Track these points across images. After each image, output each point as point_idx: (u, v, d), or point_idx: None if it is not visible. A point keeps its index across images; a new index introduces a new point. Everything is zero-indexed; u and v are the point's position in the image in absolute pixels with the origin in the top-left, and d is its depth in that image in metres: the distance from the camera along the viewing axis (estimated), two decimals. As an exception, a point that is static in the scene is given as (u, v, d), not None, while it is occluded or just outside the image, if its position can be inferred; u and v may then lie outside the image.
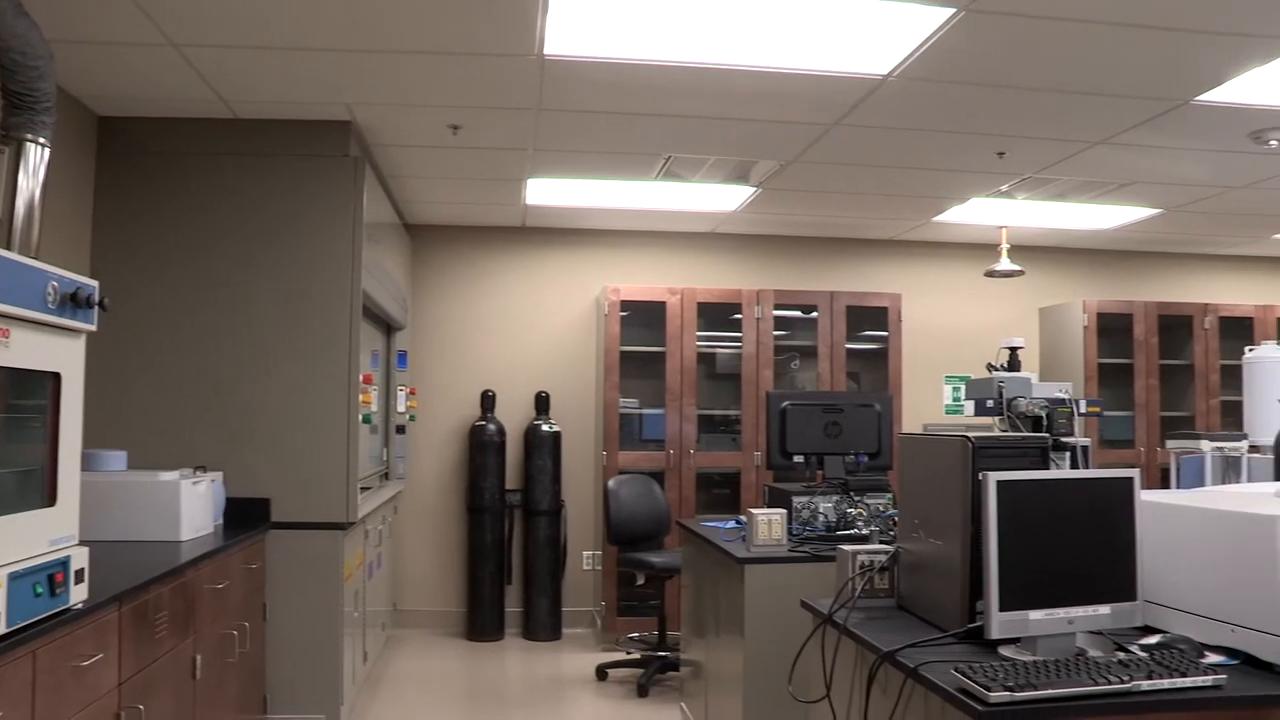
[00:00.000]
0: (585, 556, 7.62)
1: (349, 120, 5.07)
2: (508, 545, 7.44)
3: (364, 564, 5.64)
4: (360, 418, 5.12)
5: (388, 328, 6.79)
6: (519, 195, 6.68)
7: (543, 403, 7.50)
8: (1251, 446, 5.29)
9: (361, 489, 5.29)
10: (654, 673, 6.03)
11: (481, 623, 7.25)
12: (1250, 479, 5.12)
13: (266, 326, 4.95)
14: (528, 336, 7.70)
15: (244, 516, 4.79)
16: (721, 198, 6.73)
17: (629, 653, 6.49)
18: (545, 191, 6.58)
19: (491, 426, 7.35)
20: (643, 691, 5.91)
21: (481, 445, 7.31)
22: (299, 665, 4.89)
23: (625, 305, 7.17)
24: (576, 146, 5.58)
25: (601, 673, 6.28)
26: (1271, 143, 5.30)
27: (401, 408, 6.90)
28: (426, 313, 7.59)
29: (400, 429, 6.92)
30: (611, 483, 6.32)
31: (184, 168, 4.97)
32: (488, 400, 7.43)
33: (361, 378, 5.16)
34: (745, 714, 3.97)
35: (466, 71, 4.40)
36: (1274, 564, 2.23)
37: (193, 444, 4.84)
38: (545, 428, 7.39)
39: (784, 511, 4.12)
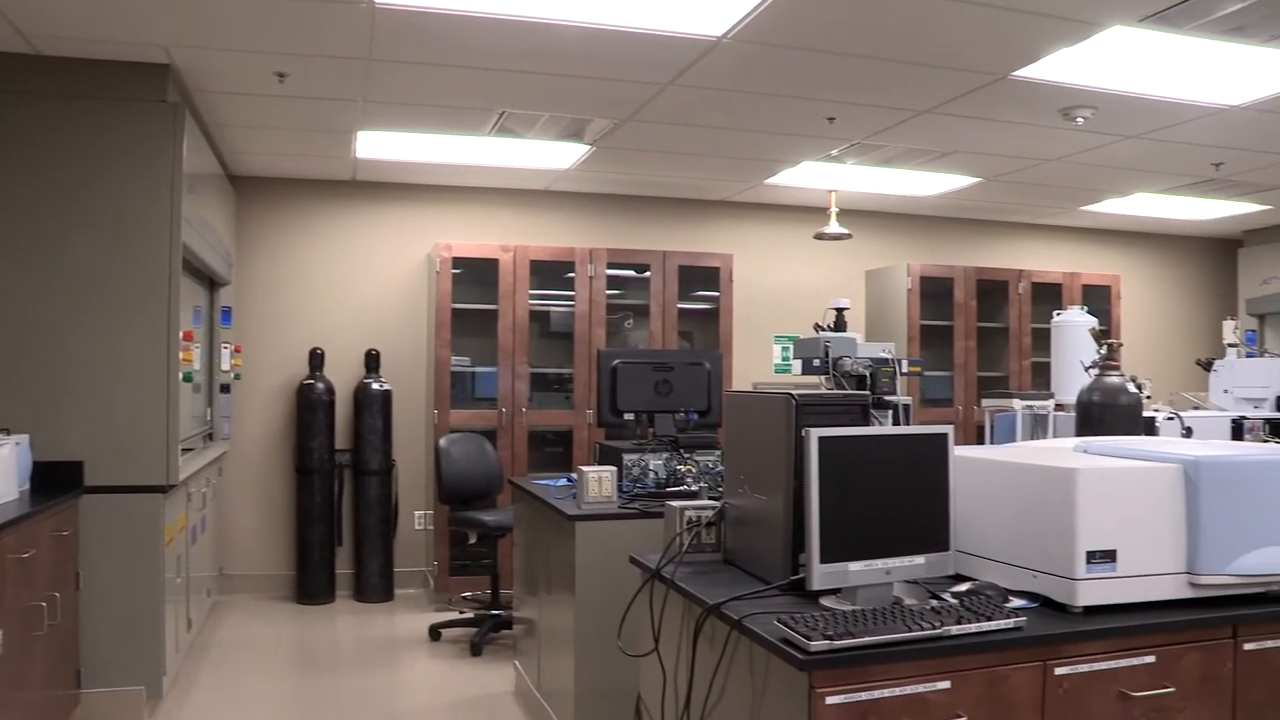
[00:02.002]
0: (417, 516, 7.54)
1: (167, 63, 4.81)
2: (337, 506, 7.30)
3: (187, 528, 5.44)
4: (181, 376, 4.91)
5: (211, 283, 6.53)
6: (349, 148, 6.50)
7: (373, 361, 7.35)
8: (1058, 405, 5.56)
9: (183, 450, 5.08)
10: (487, 631, 6.03)
11: (312, 585, 7.10)
12: (1056, 435, 5.40)
13: (78, 280, 4.68)
14: (358, 293, 7.53)
15: (54, 481, 4.53)
16: (555, 155, 6.69)
17: (462, 612, 6.47)
18: (376, 144, 6.41)
19: (320, 385, 7.18)
20: (476, 651, 5.90)
21: (310, 404, 7.14)
22: (116, 636, 4.68)
23: (457, 262, 7.07)
24: (408, 99, 5.45)
25: (435, 633, 6.25)
26: (1079, 119, 5.57)
27: (226, 366, 6.65)
28: (252, 268, 7.34)
29: (225, 388, 6.68)
30: (443, 441, 6.25)
31: (-21, 106, 4.64)
32: (316, 358, 7.25)
33: (182, 334, 4.95)
34: (577, 670, 4.00)
35: (293, 17, 4.24)
36: (1071, 513, 2.37)
37: (-6, 404, 4.57)
38: (375, 386, 7.26)
39: (614, 469, 4.16)
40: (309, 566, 7.11)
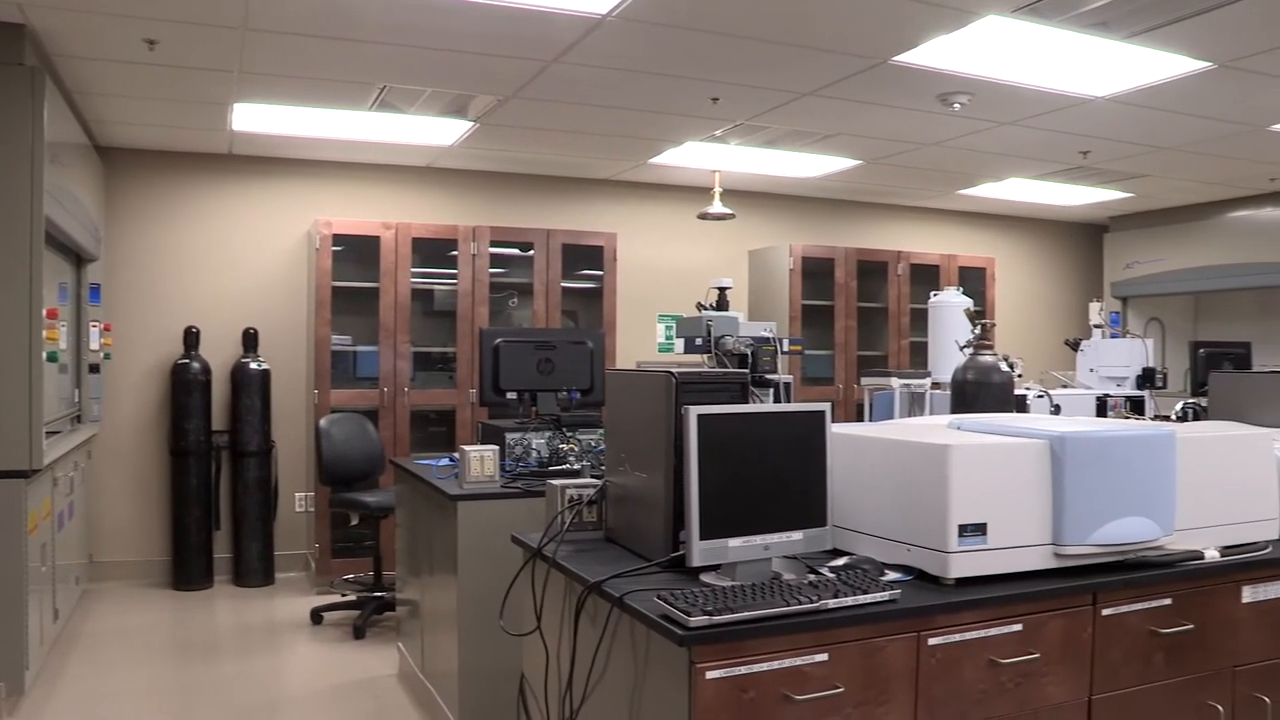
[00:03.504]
0: (298, 498, 7.40)
1: (22, 23, 4.57)
2: (215, 489, 7.11)
3: (52, 514, 5.23)
4: (45, 355, 4.72)
5: (78, 259, 6.28)
6: (225, 120, 6.30)
7: (251, 340, 7.18)
8: (934, 383, 5.69)
9: (49, 433, 4.89)
10: (370, 614, 5.96)
11: (188, 571, 6.92)
12: (932, 413, 5.53)
13: (-72, 254, 4.46)
14: (235, 270, 7.33)
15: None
16: (438, 131, 6.60)
17: (344, 595, 6.37)
18: (253, 118, 6.24)
19: (196, 365, 6.98)
20: (359, 633, 5.83)
21: (185, 384, 6.94)
22: (-27, 629, 4.49)
23: (338, 239, 6.94)
24: (286, 71, 5.31)
25: (316, 616, 6.14)
26: (956, 105, 5.70)
27: (95, 345, 6.42)
28: (123, 244, 7.07)
29: (94, 368, 6.44)
30: (323, 422, 6.14)
31: None
32: (191, 337, 7.04)
33: (45, 312, 4.75)
34: (461, 651, 3.98)
35: (161, -19, 4.09)
36: (944, 488, 2.43)
37: None
38: (254, 366, 7.09)
39: (496, 448, 4.13)
40: (185, 551, 6.92)
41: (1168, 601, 2.67)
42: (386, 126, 6.44)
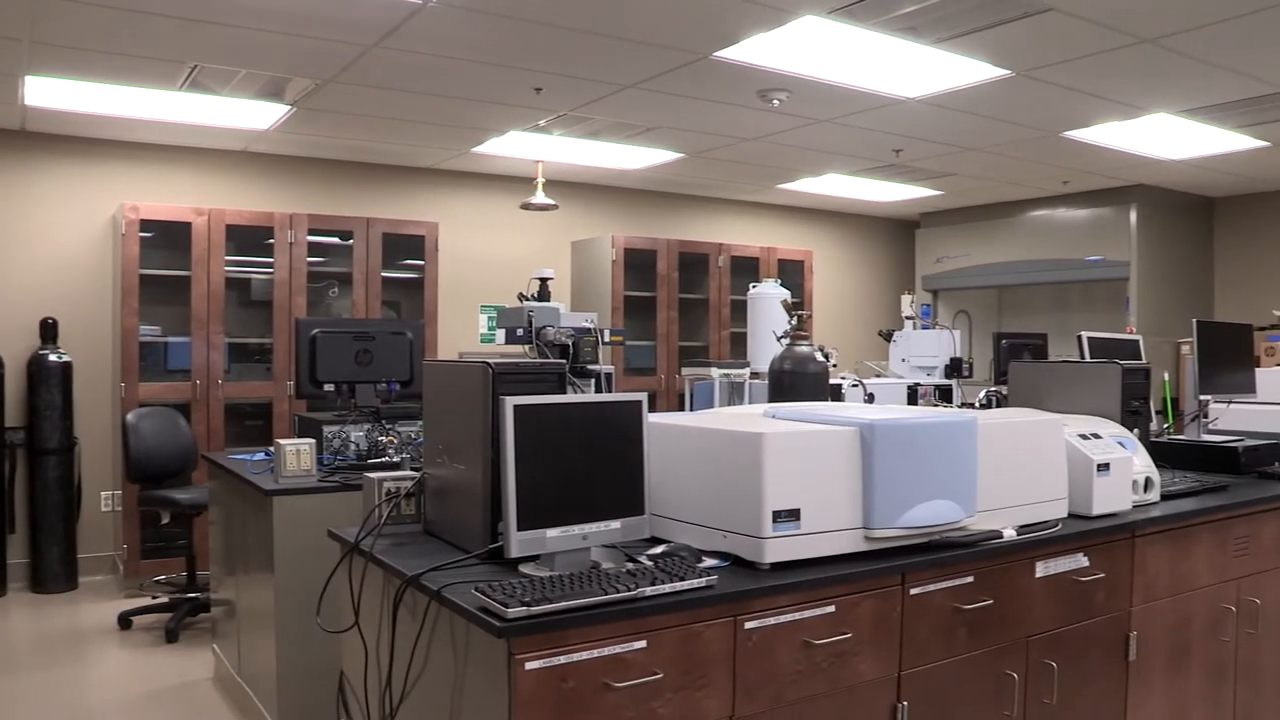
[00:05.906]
0: (104, 497, 7.05)
1: None
2: (8, 489, 6.70)
3: None
4: None
5: None
6: (15, 93, 5.92)
7: (50, 330, 6.79)
8: (753, 373, 5.82)
9: None
10: (183, 616, 5.74)
11: (-23, 577, 6.52)
12: (750, 402, 5.65)
13: None
14: (31, 256, 6.91)
15: None
16: (253, 114, 6.38)
17: (155, 597, 6.10)
18: (50, 92, 5.88)
19: (-13, 357, 6.58)
20: (172, 637, 5.60)
21: (-26, 378, 6.53)
22: None
23: (146, 225, 6.64)
24: (83, 44, 5.02)
25: (125, 621, 5.87)
26: (775, 102, 5.84)
27: None
28: (-98, 227, 6.61)
29: None
30: (131, 416, 5.87)
31: None
32: (-19, 328, 6.63)
33: None
34: (278, 650, 3.88)
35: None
36: (758, 475, 2.48)
37: None
38: (53, 358, 6.71)
39: (313, 441, 4.04)
40: (-26, 556, 6.52)
41: (970, 579, 2.80)
42: (198, 108, 6.19)
